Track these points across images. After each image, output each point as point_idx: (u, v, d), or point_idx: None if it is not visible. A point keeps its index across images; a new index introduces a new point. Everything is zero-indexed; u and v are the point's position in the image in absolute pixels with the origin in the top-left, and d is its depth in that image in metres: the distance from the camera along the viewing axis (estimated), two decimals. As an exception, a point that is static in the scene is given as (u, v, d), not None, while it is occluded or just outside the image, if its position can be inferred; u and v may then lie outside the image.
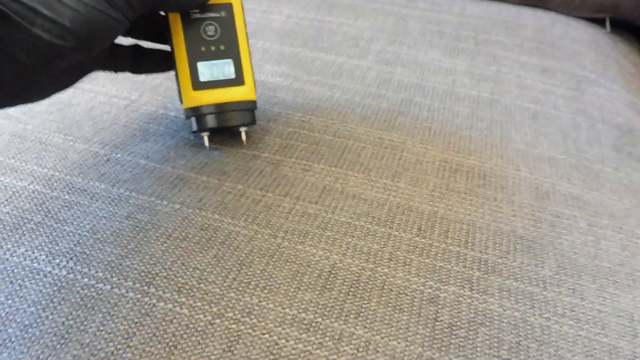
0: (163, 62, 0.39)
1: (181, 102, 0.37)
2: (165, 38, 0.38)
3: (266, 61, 0.52)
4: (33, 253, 0.30)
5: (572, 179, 0.41)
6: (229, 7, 0.37)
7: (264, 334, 0.27)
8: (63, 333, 0.27)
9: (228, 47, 0.37)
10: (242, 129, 0.39)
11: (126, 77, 0.47)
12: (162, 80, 0.47)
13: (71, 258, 0.30)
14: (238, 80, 0.37)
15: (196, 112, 0.37)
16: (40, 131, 0.40)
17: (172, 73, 0.48)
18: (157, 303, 0.28)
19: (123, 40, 0.37)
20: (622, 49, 0.70)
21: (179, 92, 0.37)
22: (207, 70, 0.37)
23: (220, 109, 0.37)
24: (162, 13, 0.37)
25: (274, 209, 0.34)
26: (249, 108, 0.38)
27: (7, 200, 0.34)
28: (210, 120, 0.37)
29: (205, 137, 0.38)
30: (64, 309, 0.28)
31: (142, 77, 0.47)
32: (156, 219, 0.33)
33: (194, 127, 0.38)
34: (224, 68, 0.37)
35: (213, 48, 0.37)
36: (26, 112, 0.42)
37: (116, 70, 0.37)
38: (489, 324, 0.29)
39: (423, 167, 0.40)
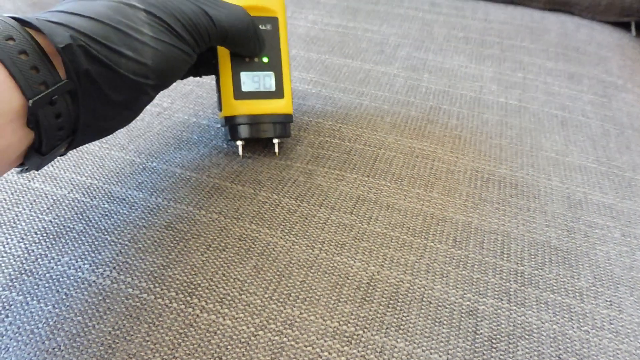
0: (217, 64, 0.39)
1: (220, 110, 0.38)
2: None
3: (294, 68, 0.52)
4: (77, 262, 0.31)
5: (603, 187, 0.41)
6: (274, 21, 0.38)
7: (306, 346, 0.27)
8: (110, 343, 0.27)
9: (271, 60, 0.38)
10: (276, 140, 0.39)
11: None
12: (192, 88, 0.48)
13: (114, 267, 0.31)
14: (278, 93, 0.38)
15: (234, 121, 0.37)
16: (77, 139, 0.41)
17: (203, 80, 0.49)
18: (201, 314, 0.29)
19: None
20: (648, 54, 0.69)
21: (219, 100, 0.38)
22: (249, 80, 0.37)
23: (258, 120, 0.37)
24: None
25: (310, 219, 0.35)
26: (286, 121, 0.38)
27: (48, 208, 0.35)
28: (248, 131, 0.37)
29: (240, 145, 0.39)
30: (109, 318, 0.28)
31: (172, 85, 0.48)
32: (195, 228, 0.33)
33: (230, 135, 0.38)
34: (265, 80, 0.37)
35: (256, 59, 0.37)
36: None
37: (181, 77, 0.38)
38: (528, 337, 0.29)
39: (455, 176, 0.40)
